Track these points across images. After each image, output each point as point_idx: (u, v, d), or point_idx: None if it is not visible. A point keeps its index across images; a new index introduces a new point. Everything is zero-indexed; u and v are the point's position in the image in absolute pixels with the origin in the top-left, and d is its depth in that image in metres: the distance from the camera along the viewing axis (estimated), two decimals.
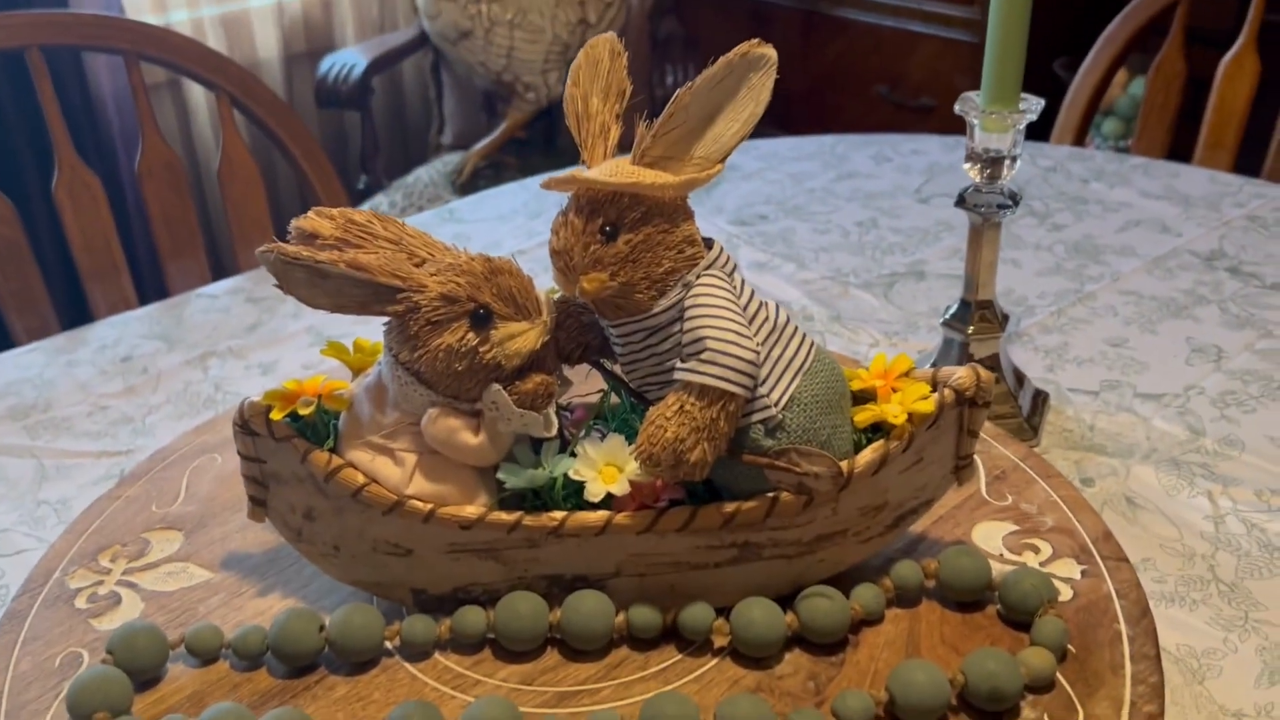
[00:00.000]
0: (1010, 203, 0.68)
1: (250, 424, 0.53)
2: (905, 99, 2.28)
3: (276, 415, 0.52)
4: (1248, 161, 1.28)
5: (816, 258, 1.01)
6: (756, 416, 0.50)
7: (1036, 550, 0.59)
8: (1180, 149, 1.33)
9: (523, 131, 2.10)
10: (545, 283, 0.53)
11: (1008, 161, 0.67)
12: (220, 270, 1.18)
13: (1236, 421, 0.74)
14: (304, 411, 0.52)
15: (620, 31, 2.08)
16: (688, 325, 0.49)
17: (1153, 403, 0.77)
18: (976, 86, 0.67)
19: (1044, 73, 2.10)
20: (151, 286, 1.17)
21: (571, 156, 2.12)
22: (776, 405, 0.50)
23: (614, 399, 0.58)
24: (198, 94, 2.11)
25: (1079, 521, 0.61)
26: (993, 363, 0.73)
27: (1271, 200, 1.07)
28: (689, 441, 0.48)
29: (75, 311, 1.14)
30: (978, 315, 0.72)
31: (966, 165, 0.68)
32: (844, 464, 0.51)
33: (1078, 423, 0.75)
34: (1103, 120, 2.18)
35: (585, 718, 0.48)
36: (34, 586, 0.58)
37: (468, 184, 2.04)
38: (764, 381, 0.50)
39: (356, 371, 0.56)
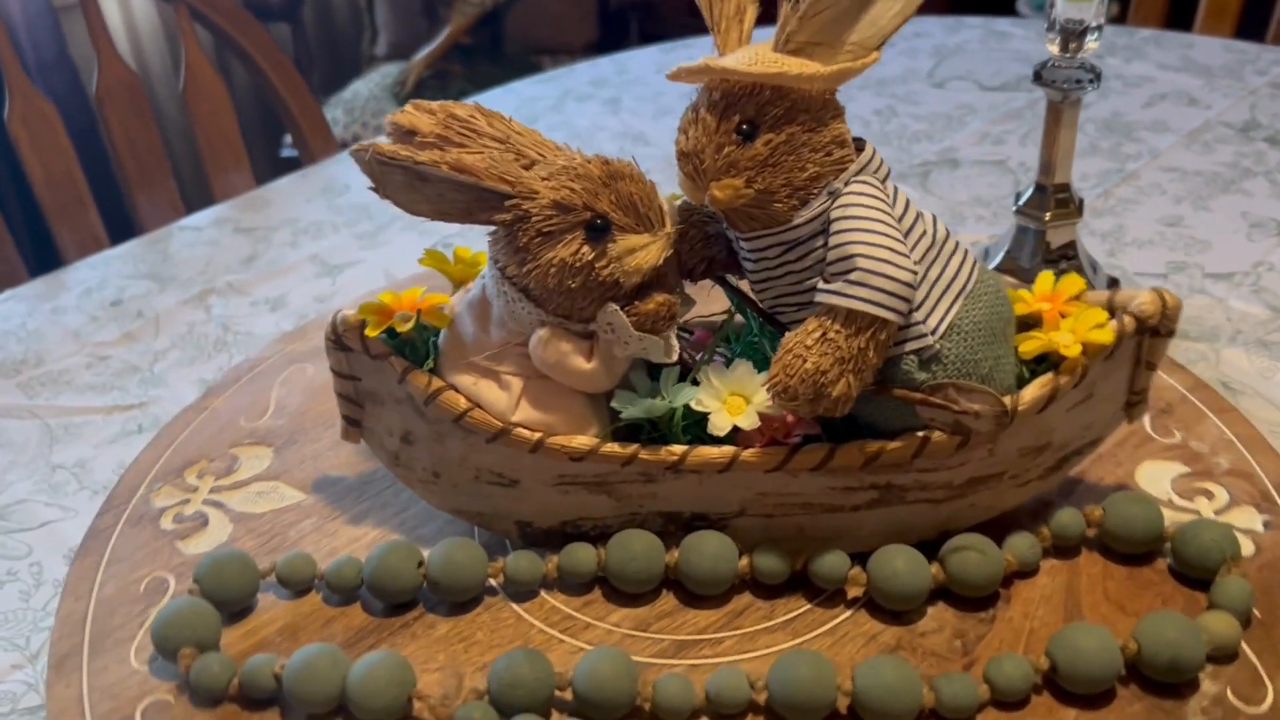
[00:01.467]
0: (1092, 76, 0.62)
1: (344, 339, 0.48)
2: None
3: (372, 331, 0.47)
4: (1248, 29, 1.20)
5: None
6: (910, 346, 0.44)
7: (1211, 496, 0.52)
8: (1176, 17, 1.26)
9: (467, 37, 1.99)
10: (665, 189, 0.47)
11: (1092, 33, 0.61)
12: (189, 200, 1.11)
13: None
14: (402, 328, 0.47)
15: None
16: (834, 240, 0.43)
17: (1224, 282, 0.73)
18: None
19: None
20: (119, 221, 1.09)
21: (520, 65, 1.99)
22: (934, 334, 0.44)
23: (739, 320, 0.52)
24: (113, 10, 1.94)
25: (1258, 464, 0.54)
26: (1071, 251, 0.67)
27: None
28: (832, 374, 0.42)
29: (43, 254, 1.06)
30: (1054, 200, 0.66)
31: (1048, 37, 0.62)
32: (1007, 400, 0.45)
33: None
34: None
35: (707, 673, 0.44)
36: (118, 504, 0.55)
37: (412, 95, 1.95)
38: (920, 306, 0.44)
39: (458, 284, 0.51)
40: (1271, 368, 0.64)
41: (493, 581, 0.49)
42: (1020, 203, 0.68)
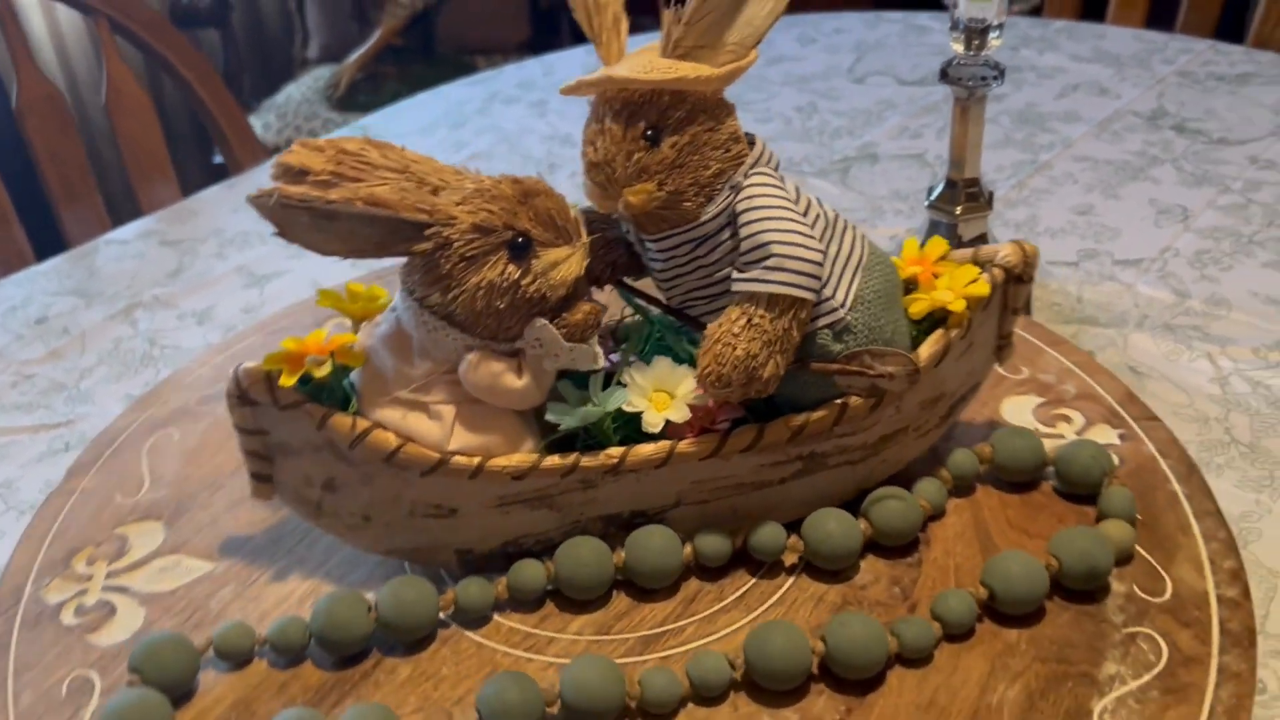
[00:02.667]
0: (996, 73, 0.65)
1: (249, 393, 0.47)
2: None
3: (287, 381, 0.46)
4: (1159, 15, 1.29)
5: None
6: (823, 321, 0.47)
7: (1069, 420, 0.58)
8: (1089, 6, 1.33)
9: (399, 38, 1.98)
10: None
11: (994, 32, 0.64)
12: (116, 213, 1.07)
13: (1217, 280, 0.75)
14: (319, 374, 0.46)
15: None
16: (745, 231, 0.45)
17: (1133, 268, 0.78)
18: None
19: None
20: (46, 236, 1.04)
21: (453, 65, 2.01)
22: (844, 307, 0.47)
23: (631, 320, 0.54)
24: (34, 14, 1.88)
25: (1099, 386, 0.60)
26: (982, 242, 0.71)
27: (1198, 54, 1.09)
28: (761, 356, 0.45)
29: None
30: (964, 194, 0.70)
31: (951, 36, 0.65)
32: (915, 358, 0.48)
33: (1065, 295, 0.74)
34: None
35: (679, 662, 0.45)
36: (6, 607, 0.50)
37: (345, 98, 1.91)
38: (827, 283, 0.47)
39: (357, 321, 0.50)
40: (1176, 351, 0.69)
41: (444, 614, 0.48)
42: (932, 198, 0.71)
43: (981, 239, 0.71)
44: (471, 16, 2.12)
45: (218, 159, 1.88)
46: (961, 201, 0.70)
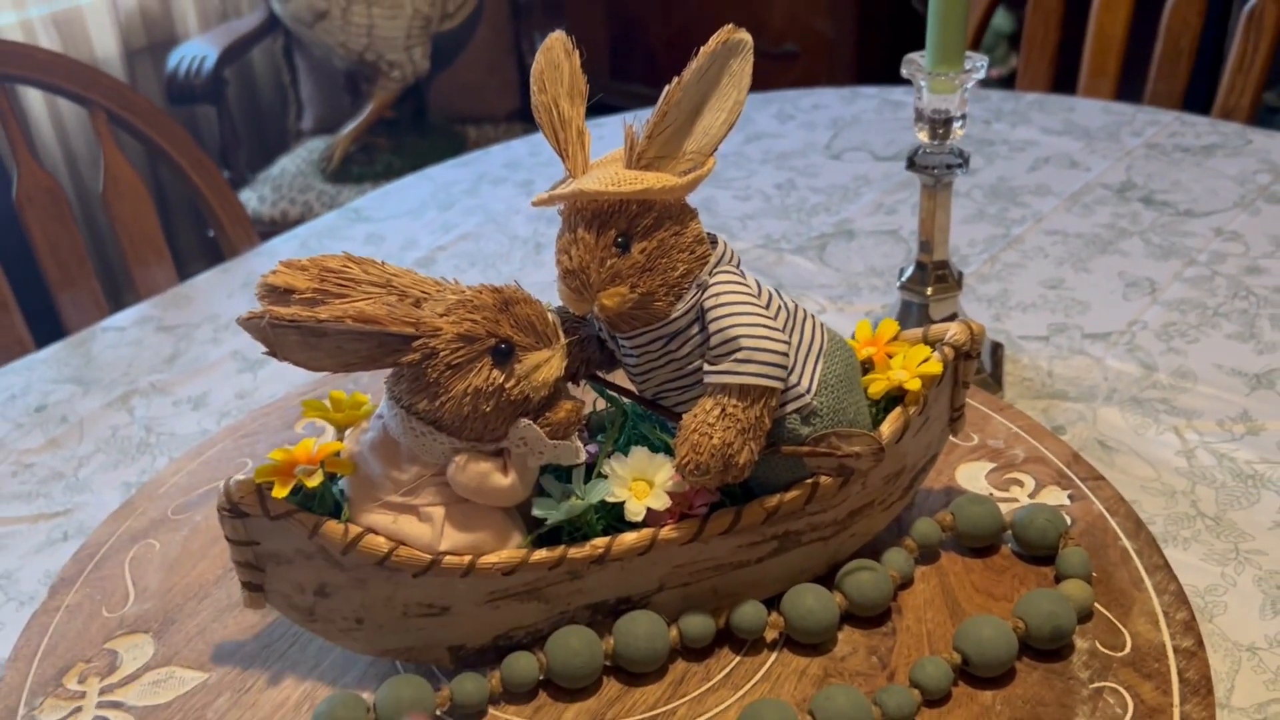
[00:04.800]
0: (960, 161, 0.68)
1: (240, 505, 0.48)
2: (768, 46, 2.31)
3: (280, 492, 0.47)
4: (1129, 85, 1.34)
5: (744, 226, 1.00)
6: (791, 407, 0.49)
7: (1021, 484, 0.61)
8: (1061, 74, 1.37)
9: (391, 111, 2.01)
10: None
11: (957, 121, 0.67)
12: (119, 292, 1.09)
13: (1184, 353, 0.79)
14: (312, 483, 0.47)
15: (479, 1, 2.01)
16: (714, 326, 0.48)
17: (1101, 342, 0.80)
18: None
19: (909, 13, 2.16)
20: (43, 323, 1.06)
21: (445, 135, 2.05)
22: (810, 392, 0.50)
23: (604, 412, 0.56)
24: (36, 103, 1.93)
25: (1046, 449, 0.64)
26: (952, 320, 0.75)
27: (1165, 126, 1.13)
28: (736, 444, 0.47)
29: None
30: (934, 276, 0.73)
31: (916, 127, 0.68)
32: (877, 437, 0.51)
33: (1035, 370, 0.78)
34: None
35: None
36: None
37: (339, 170, 1.94)
38: (793, 371, 0.49)
39: (342, 429, 0.52)
40: (1144, 424, 0.71)
41: (440, 711, 0.49)
42: (903, 279, 0.74)
43: (953, 318, 0.74)
44: (462, 87, 2.17)
45: (214, 233, 1.92)
46: (932, 283, 0.73)
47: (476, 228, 1.04)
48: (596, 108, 0.47)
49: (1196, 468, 0.68)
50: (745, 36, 0.49)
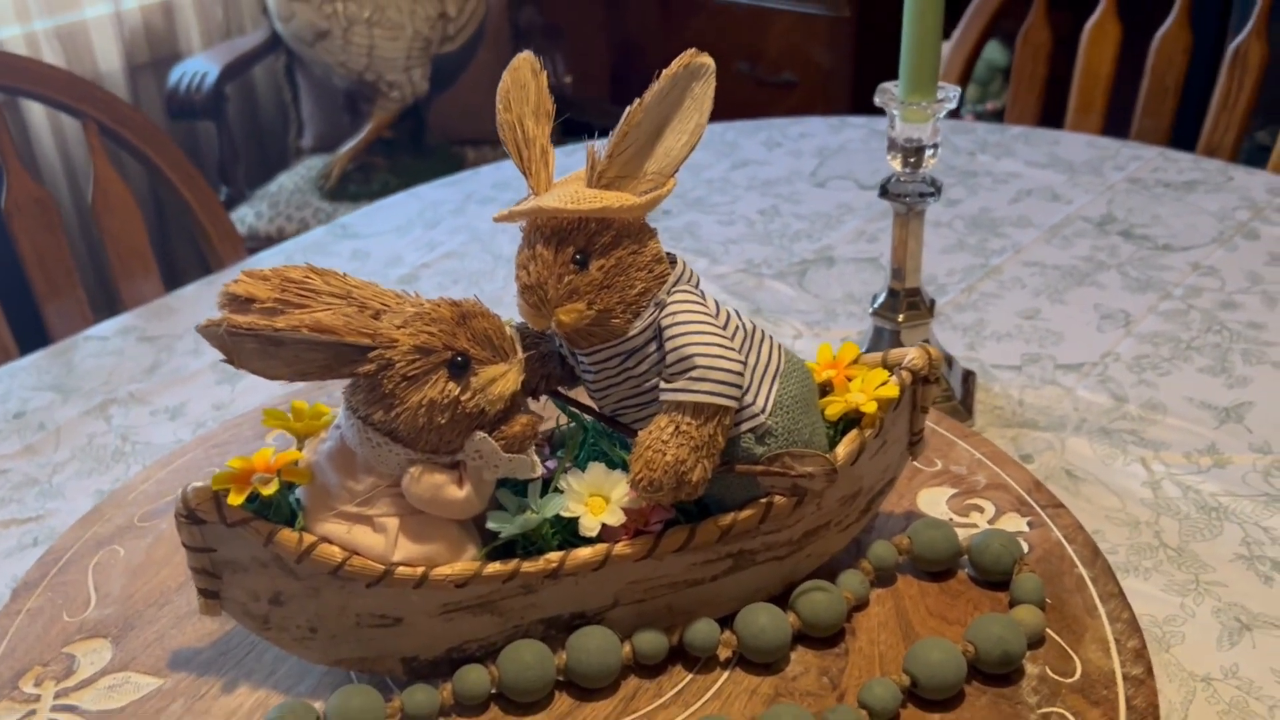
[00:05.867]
0: (932, 190, 0.69)
1: (197, 512, 0.48)
2: (766, 75, 2.33)
3: (236, 499, 0.47)
4: (1115, 122, 1.35)
5: (726, 250, 1.01)
6: (745, 426, 0.50)
7: (981, 510, 0.62)
8: (1050, 108, 1.38)
9: (389, 131, 2.03)
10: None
11: (929, 150, 0.68)
12: (109, 302, 1.10)
13: (1154, 385, 0.79)
14: (267, 491, 0.48)
15: (480, 24, 2.03)
16: (670, 344, 0.48)
17: (1074, 373, 0.81)
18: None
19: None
20: (27, 331, 1.07)
21: (442, 156, 2.07)
22: (764, 412, 0.50)
23: (566, 427, 0.56)
24: (38, 115, 1.95)
25: (1008, 476, 0.64)
26: None
27: (1148, 161, 1.14)
28: (689, 461, 0.48)
29: None
30: (906, 303, 0.73)
31: (889, 155, 0.69)
32: (832, 458, 0.51)
33: (1006, 399, 0.78)
34: None
35: None
36: None
37: (336, 188, 1.96)
38: (748, 390, 0.50)
39: (302, 438, 0.52)
40: (1112, 455, 0.72)
41: None
42: (875, 305, 0.74)
43: (925, 344, 0.75)
44: (461, 109, 2.18)
45: None
46: (904, 310, 0.73)
47: (461, 246, 1.05)
48: (599, 133, 0.48)
49: (1161, 499, 0.68)
50: (707, 60, 0.49)
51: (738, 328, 0.51)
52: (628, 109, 0.48)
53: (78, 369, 0.85)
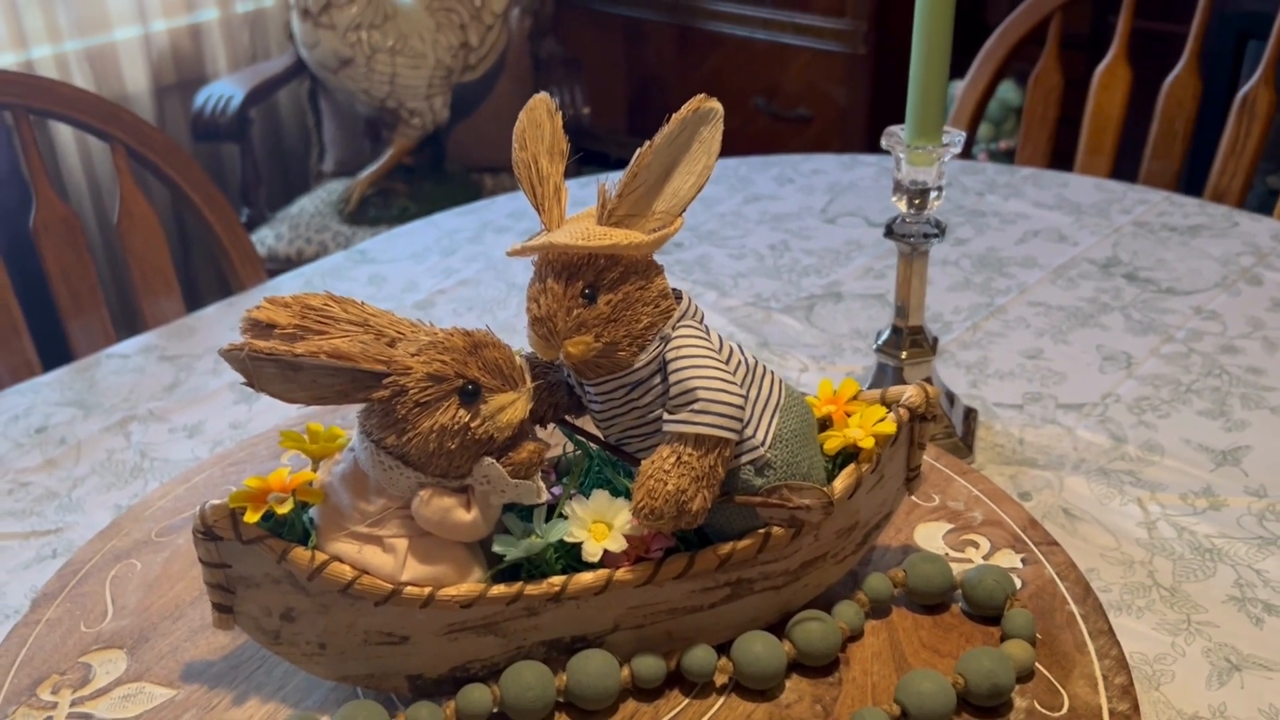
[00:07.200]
0: (936, 231, 0.71)
1: (214, 529, 0.50)
2: (782, 110, 2.36)
3: (252, 517, 0.49)
4: (1124, 164, 1.36)
5: (736, 284, 1.03)
6: (745, 458, 0.52)
7: (976, 545, 0.63)
8: (1060, 148, 1.40)
9: (409, 157, 2.07)
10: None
11: (934, 192, 0.70)
12: (130, 322, 1.13)
13: (1154, 427, 0.80)
14: (282, 510, 0.50)
15: (501, 54, 2.07)
16: (674, 377, 0.50)
17: (1074, 413, 0.82)
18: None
19: None
20: (51, 348, 1.10)
21: (461, 183, 2.11)
22: (764, 445, 0.52)
23: (573, 455, 0.58)
24: (65, 136, 2.00)
25: (1004, 513, 0.65)
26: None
27: (1154, 205, 1.16)
28: (690, 491, 0.49)
29: None
30: (909, 341, 0.75)
31: (894, 197, 0.71)
32: (829, 491, 0.53)
33: (1007, 437, 0.80)
34: None
35: None
36: None
37: (356, 212, 2.00)
38: (748, 424, 0.51)
39: (317, 460, 0.54)
40: (1109, 494, 0.73)
41: None
42: (879, 342, 0.76)
43: (926, 381, 0.76)
44: (480, 137, 2.22)
45: None
46: (906, 347, 0.75)
47: (477, 274, 1.07)
48: (616, 164, 0.50)
49: (1156, 539, 0.70)
50: (716, 105, 0.51)
51: (740, 362, 0.52)
52: (638, 151, 0.50)
53: (99, 385, 0.87)
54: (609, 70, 2.64)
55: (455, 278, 1.06)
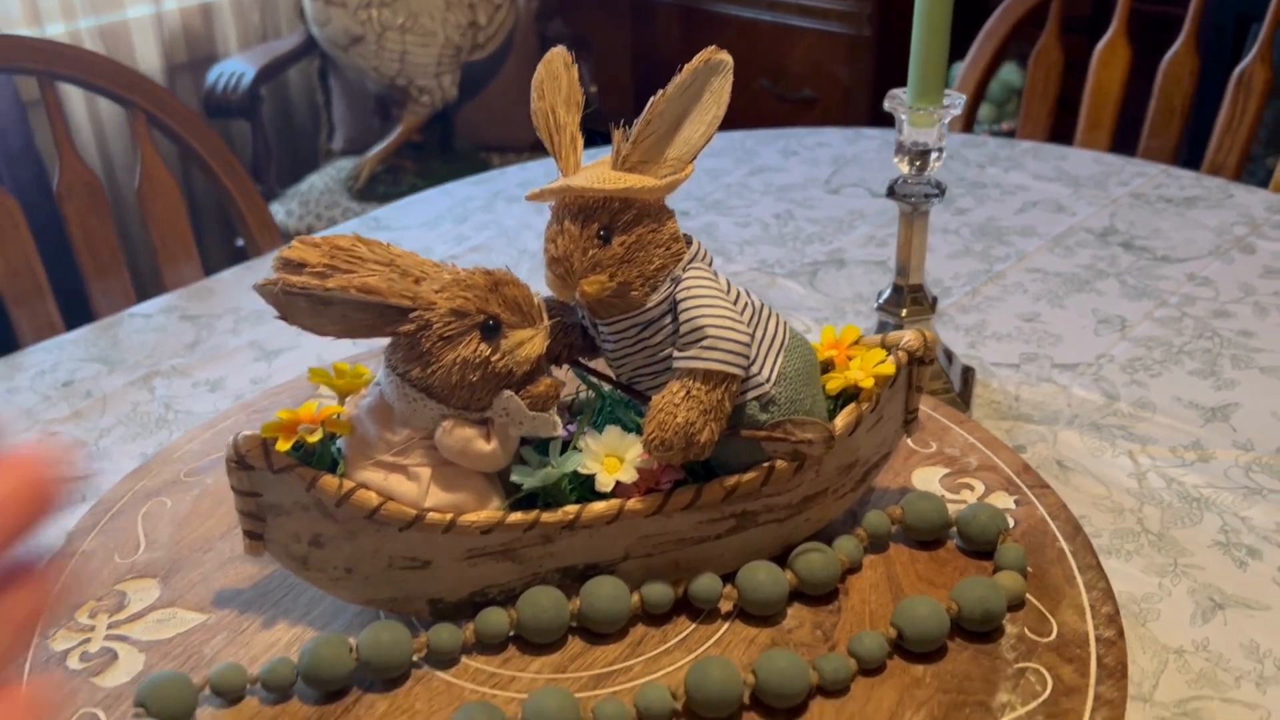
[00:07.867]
0: (937, 192, 0.73)
1: (247, 458, 0.53)
2: (787, 91, 2.39)
3: (283, 446, 0.52)
4: (1123, 140, 1.39)
5: (741, 250, 1.05)
6: (751, 394, 0.54)
7: (971, 488, 0.66)
8: (1060, 130, 1.43)
9: (418, 135, 2.10)
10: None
11: (934, 154, 0.72)
12: (144, 288, 1.16)
13: (1146, 385, 0.83)
14: (312, 440, 0.52)
15: (509, 33, 2.10)
16: (684, 316, 0.52)
17: (1069, 372, 0.85)
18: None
19: None
20: (77, 308, 1.14)
21: (469, 161, 2.14)
22: (769, 382, 0.54)
23: (586, 396, 0.61)
24: (77, 104, 2.03)
25: (999, 459, 0.68)
26: None
27: (1151, 178, 1.18)
28: (699, 423, 0.52)
29: (1, 338, 1.11)
30: (909, 299, 0.78)
31: (896, 158, 0.73)
32: (831, 427, 0.56)
33: (1003, 394, 0.82)
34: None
35: (632, 694, 0.51)
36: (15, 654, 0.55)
37: (365, 189, 2.02)
38: (754, 361, 0.54)
39: (343, 395, 0.57)
40: (1100, 448, 0.76)
41: (417, 656, 0.54)
42: (881, 301, 0.79)
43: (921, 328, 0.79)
44: (488, 116, 2.25)
45: (240, 242, 2.01)
46: (907, 305, 0.78)
47: (488, 240, 1.10)
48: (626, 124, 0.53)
49: (1146, 489, 0.72)
50: (726, 57, 0.54)
51: (746, 304, 0.55)
52: (651, 99, 0.52)
53: (123, 343, 0.90)
54: (615, 51, 2.66)
55: (467, 244, 1.09)
